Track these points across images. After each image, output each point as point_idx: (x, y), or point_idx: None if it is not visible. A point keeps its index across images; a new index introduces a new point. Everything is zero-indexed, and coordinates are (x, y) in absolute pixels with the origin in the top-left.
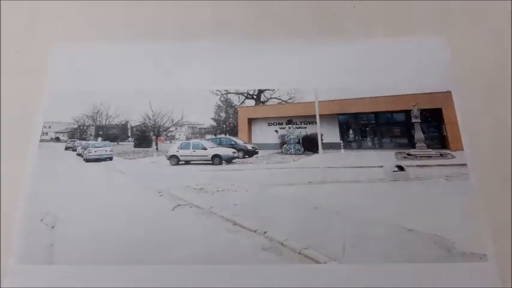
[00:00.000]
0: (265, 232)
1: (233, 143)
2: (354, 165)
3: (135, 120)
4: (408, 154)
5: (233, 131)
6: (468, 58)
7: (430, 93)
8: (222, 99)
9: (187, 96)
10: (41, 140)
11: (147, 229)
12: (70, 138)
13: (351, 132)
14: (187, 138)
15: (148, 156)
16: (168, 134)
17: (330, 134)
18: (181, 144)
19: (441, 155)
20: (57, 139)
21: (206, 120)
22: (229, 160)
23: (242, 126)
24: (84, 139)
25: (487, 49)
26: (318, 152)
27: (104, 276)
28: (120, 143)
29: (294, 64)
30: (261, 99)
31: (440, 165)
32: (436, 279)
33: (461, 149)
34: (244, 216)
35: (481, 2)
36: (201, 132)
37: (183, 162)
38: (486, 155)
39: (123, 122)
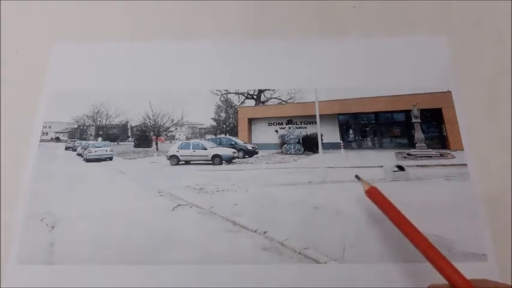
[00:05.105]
0: (265, 232)
1: (233, 143)
2: (354, 165)
3: (135, 120)
4: (408, 154)
5: (233, 131)
6: (468, 58)
7: (430, 93)
8: (222, 99)
9: (187, 96)
10: (41, 140)
11: (147, 229)
12: (70, 138)
13: (351, 132)
14: (188, 138)
15: (149, 156)
16: (168, 134)
17: (330, 134)
18: (181, 144)
19: (441, 155)
20: (57, 139)
21: (206, 120)
22: (229, 160)
23: (242, 126)
24: (84, 139)
25: (487, 49)
26: (318, 152)
27: (103, 276)
28: (120, 143)
29: (294, 64)
30: (261, 99)
31: (440, 165)
32: (436, 279)
33: (461, 149)
34: (244, 216)
35: (481, 2)
36: (201, 132)
37: (183, 162)
38: (486, 155)
39: (123, 122)
